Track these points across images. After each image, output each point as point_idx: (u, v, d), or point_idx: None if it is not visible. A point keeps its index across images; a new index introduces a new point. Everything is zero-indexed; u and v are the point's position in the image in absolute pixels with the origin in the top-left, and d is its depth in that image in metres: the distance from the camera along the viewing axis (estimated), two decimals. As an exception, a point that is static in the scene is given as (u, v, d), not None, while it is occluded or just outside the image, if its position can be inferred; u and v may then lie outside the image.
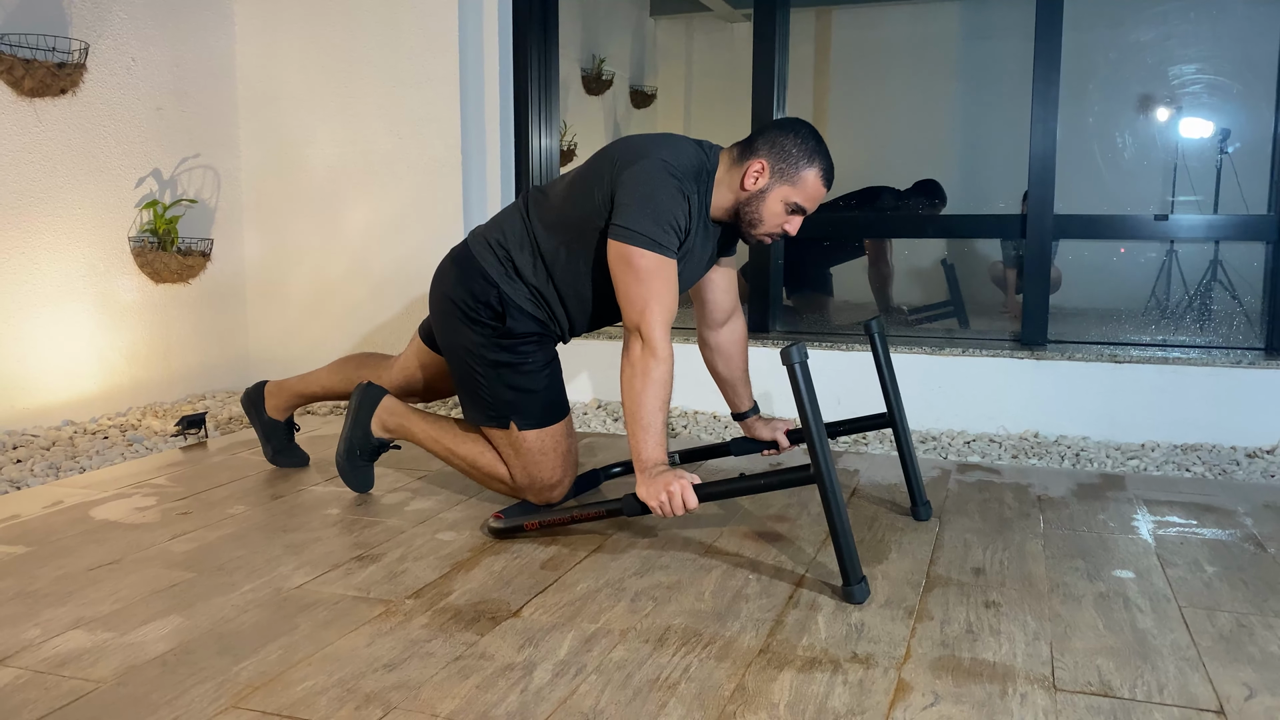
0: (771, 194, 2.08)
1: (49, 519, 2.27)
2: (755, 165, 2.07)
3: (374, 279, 3.76)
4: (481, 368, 2.23)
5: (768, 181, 2.08)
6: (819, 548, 2.10)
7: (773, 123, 2.14)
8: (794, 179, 2.07)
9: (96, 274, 3.32)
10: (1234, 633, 1.69)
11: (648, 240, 2.00)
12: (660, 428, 1.97)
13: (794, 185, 2.07)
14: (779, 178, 2.07)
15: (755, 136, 2.12)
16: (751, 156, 2.09)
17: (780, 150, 2.07)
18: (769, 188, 2.08)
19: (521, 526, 2.13)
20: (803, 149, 2.07)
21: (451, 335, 2.27)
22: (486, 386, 2.24)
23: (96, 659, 1.56)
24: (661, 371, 1.97)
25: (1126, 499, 2.51)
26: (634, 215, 2.01)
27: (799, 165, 2.07)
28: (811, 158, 2.07)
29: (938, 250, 4.95)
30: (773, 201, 2.09)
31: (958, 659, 1.58)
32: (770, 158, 2.07)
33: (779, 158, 2.07)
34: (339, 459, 2.46)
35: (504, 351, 2.22)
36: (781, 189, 2.08)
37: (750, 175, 2.08)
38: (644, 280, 2.01)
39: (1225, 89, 4.52)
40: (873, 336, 2.33)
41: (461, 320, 2.24)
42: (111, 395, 3.39)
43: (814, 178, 2.08)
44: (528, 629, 1.68)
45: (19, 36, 2.99)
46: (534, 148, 3.83)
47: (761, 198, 2.09)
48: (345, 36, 3.69)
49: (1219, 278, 4.39)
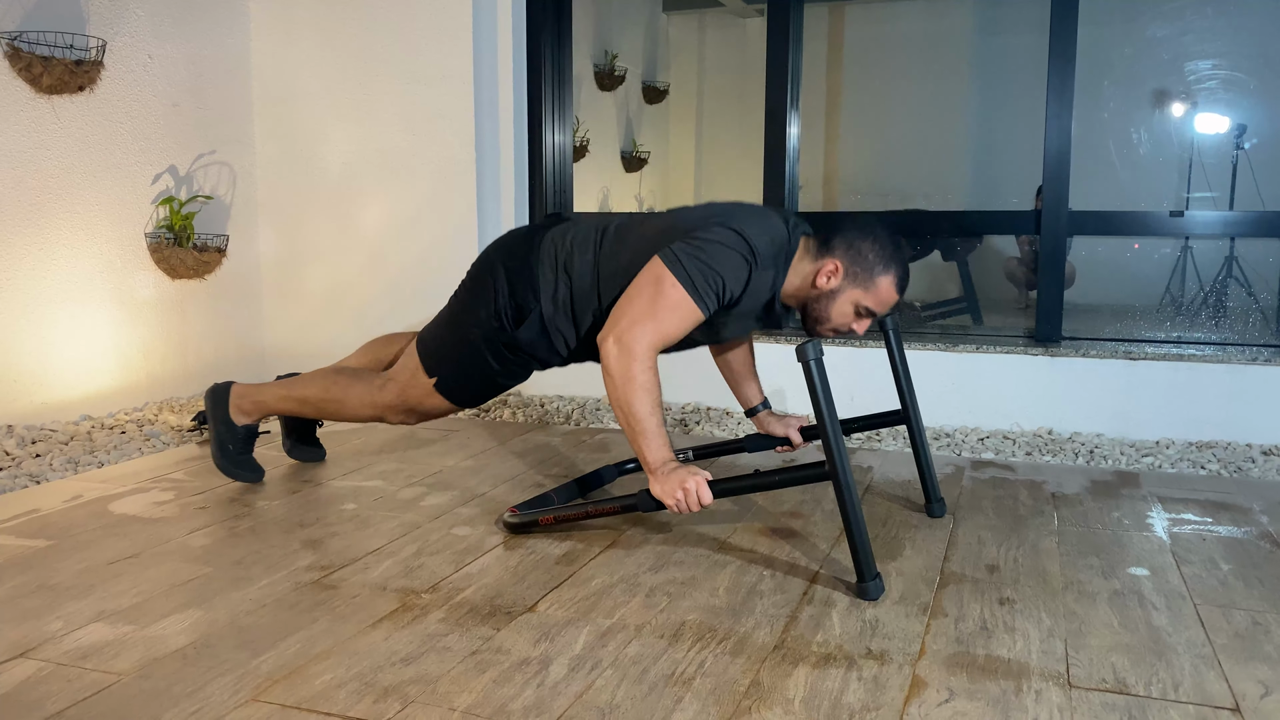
0: (843, 295, 2.07)
1: (69, 513, 2.29)
2: (830, 265, 2.05)
3: (389, 275, 3.78)
4: (463, 330, 2.24)
5: (840, 283, 2.06)
6: (833, 544, 2.11)
7: (851, 223, 2.11)
8: (867, 284, 2.06)
9: (113, 270, 3.34)
10: (1249, 630, 1.69)
11: (688, 280, 1.97)
12: (657, 429, 1.96)
13: (866, 290, 2.06)
14: (852, 280, 2.06)
15: (832, 235, 2.09)
16: (827, 255, 2.07)
17: (856, 254, 2.05)
18: (840, 289, 2.06)
19: (536, 522, 2.14)
20: (879, 255, 2.05)
21: (473, 293, 2.25)
22: (451, 342, 2.25)
23: (118, 652, 1.57)
24: (647, 377, 1.95)
25: (1141, 496, 2.50)
26: (690, 254, 1.98)
27: (874, 271, 2.05)
28: (888, 264, 2.06)
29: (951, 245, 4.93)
30: (843, 303, 2.08)
31: (972, 656, 1.59)
32: (845, 260, 2.05)
33: (854, 260, 2.05)
34: (215, 461, 2.52)
35: (490, 345, 2.22)
36: (854, 292, 2.07)
37: (824, 274, 2.06)
38: (659, 307, 1.97)
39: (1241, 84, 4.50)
40: (887, 333, 2.33)
41: (488, 292, 2.22)
42: (128, 390, 3.41)
43: (888, 285, 2.07)
44: (543, 623, 1.69)
45: (37, 34, 3.01)
46: (548, 144, 3.84)
47: (832, 298, 2.07)
48: (360, 34, 3.71)
49: (1234, 274, 4.38)
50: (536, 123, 3.80)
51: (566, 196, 3.98)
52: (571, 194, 4.01)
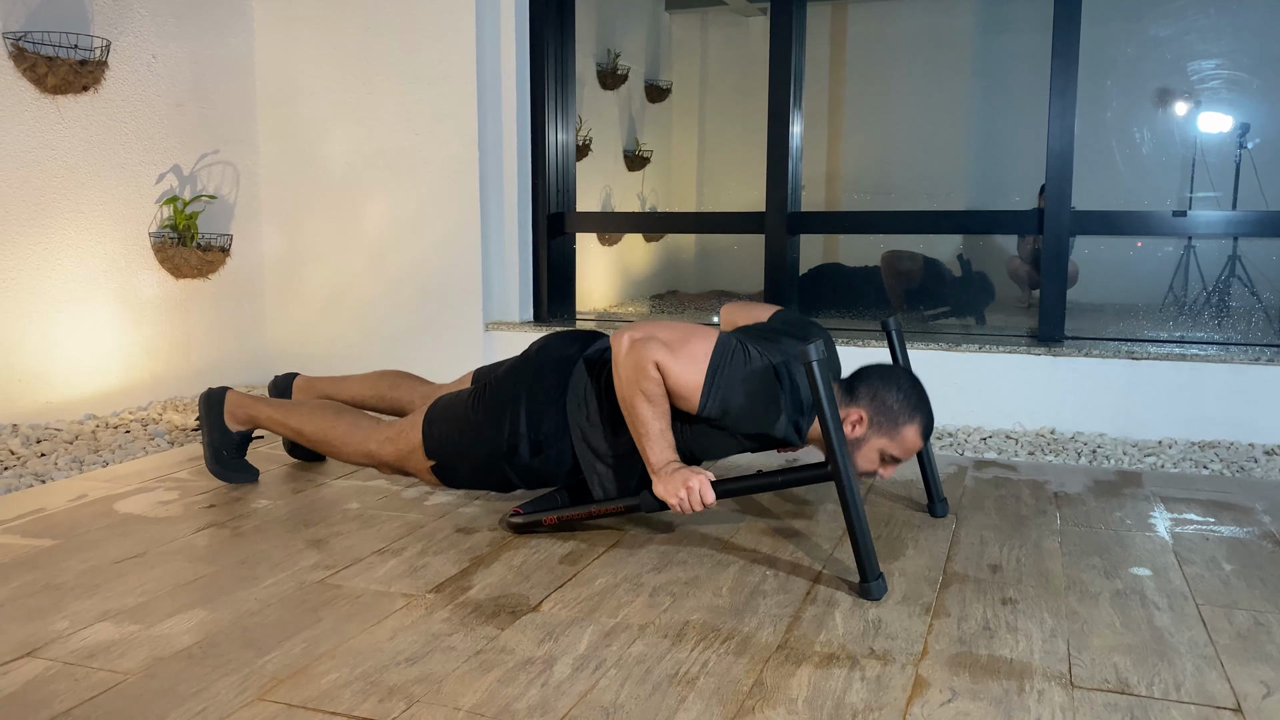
0: (868, 444, 2.04)
1: (74, 512, 2.30)
2: (854, 415, 2.03)
3: (391, 274, 3.79)
4: (472, 443, 2.20)
5: (865, 431, 2.04)
6: (836, 544, 2.11)
7: (875, 370, 2.09)
8: (893, 434, 2.04)
9: (118, 269, 3.35)
10: (1252, 631, 1.69)
11: (716, 365, 1.95)
12: (660, 431, 1.97)
13: (892, 439, 2.04)
14: (877, 430, 2.03)
15: (857, 383, 2.07)
16: (852, 404, 2.05)
17: (880, 404, 2.03)
18: (866, 438, 2.04)
19: (540, 522, 2.15)
20: (904, 404, 2.03)
21: (487, 412, 2.20)
22: (458, 444, 2.22)
23: (124, 651, 1.58)
24: (651, 383, 1.95)
25: (1144, 496, 2.51)
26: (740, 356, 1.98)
27: (899, 420, 2.03)
28: (913, 414, 2.03)
29: (954, 245, 4.94)
30: (868, 450, 2.05)
31: (975, 656, 1.59)
32: (870, 410, 2.03)
33: (879, 410, 2.03)
34: (209, 465, 2.53)
35: (495, 464, 2.19)
36: (879, 440, 2.04)
37: (848, 424, 2.03)
38: (683, 349, 1.96)
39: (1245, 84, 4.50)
40: (890, 334, 2.33)
41: (500, 423, 2.18)
42: (132, 389, 3.42)
43: (913, 434, 2.04)
44: (548, 623, 1.70)
45: (42, 34, 3.02)
46: (550, 143, 3.84)
47: (857, 445, 2.04)
48: (362, 33, 3.71)
49: (1237, 274, 4.38)
50: (539, 122, 3.81)
51: (569, 195, 3.98)
52: (574, 193, 4.02)
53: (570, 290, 4.04)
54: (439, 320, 3.76)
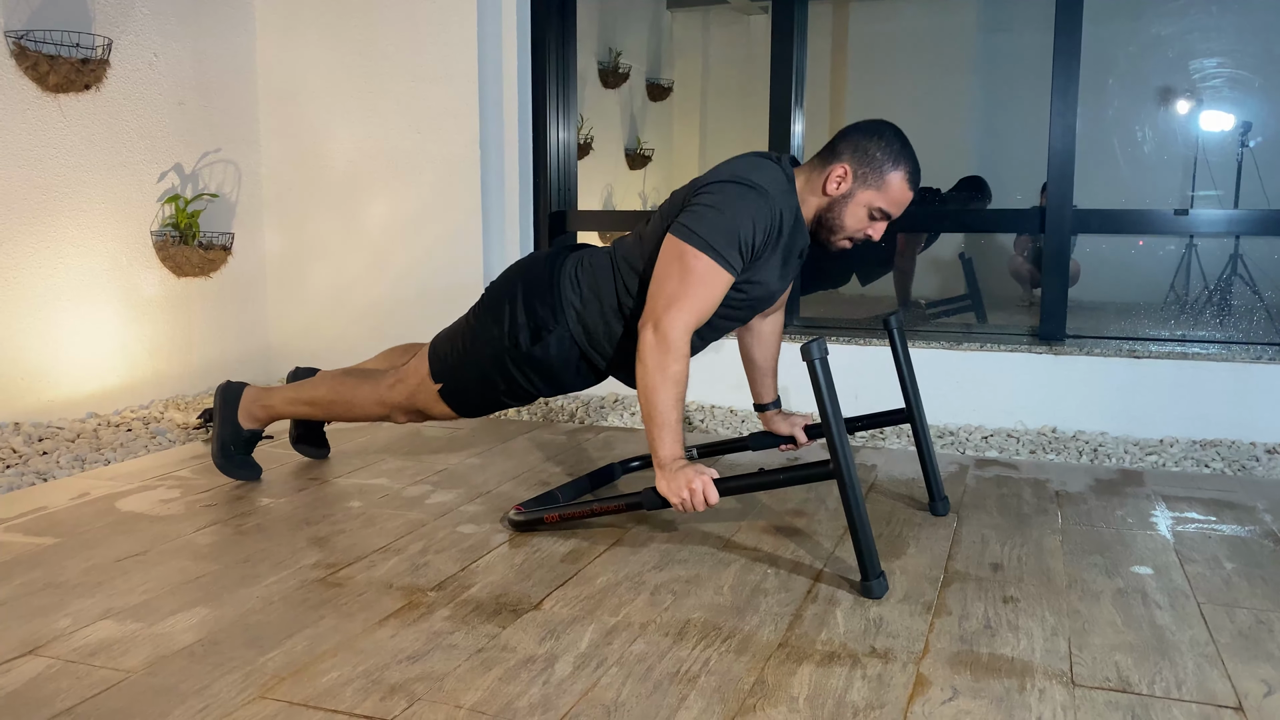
0: (854, 199, 2.01)
1: (76, 510, 2.30)
2: (838, 170, 2.00)
3: (394, 273, 3.79)
4: (476, 344, 2.22)
5: (850, 186, 2.01)
6: (837, 542, 2.11)
7: (855, 125, 2.05)
8: (878, 183, 2.00)
9: (119, 268, 3.35)
10: (1253, 629, 1.69)
11: (708, 246, 1.94)
12: (676, 424, 1.96)
13: (879, 190, 2.00)
14: (862, 182, 2.00)
15: (838, 140, 2.04)
16: (834, 161, 2.02)
17: (864, 154, 2.00)
18: (852, 192, 2.01)
19: (541, 519, 2.15)
20: (887, 151, 2.00)
21: (490, 309, 2.23)
22: (463, 354, 2.24)
23: (126, 649, 1.58)
24: (678, 370, 1.95)
25: (1145, 495, 2.51)
26: (702, 220, 1.95)
27: (883, 169, 1.99)
28: (897, 161, 2.00)
29: (955, 244, 4.94)
30: (855, 207, 2.02)
31: (976, 654, 1.59)
32: (853, 162, 2.00)
33: (862, 161, 2.00)
34: (215, 459, 2.52)
35: (503, 360, 2.20)
36: (866, 194, 2.01)
37: (832, 180, 2.01)
38: (689, 282, 1.95)
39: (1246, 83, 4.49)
40: (891, 332, 2.33)
41: (503, 311, 2.20)
42: (134, 388, 3.42)
43: (899, 181, 2.00)
44: (549, 621, 1.70)
45: (43, 33, 3.02)
46: (552, 142, 3.84)
47: (844, 203, 2.02)
48: (365, 32, 3.71)
49: (1239, 272, 4.37)
50: (541, 120, 3.81)
51: (570, 194, 3.98)
52: (576, 192, 4.02)
53: (572, 289, 4.03)
54: (441, 319, 3.74)
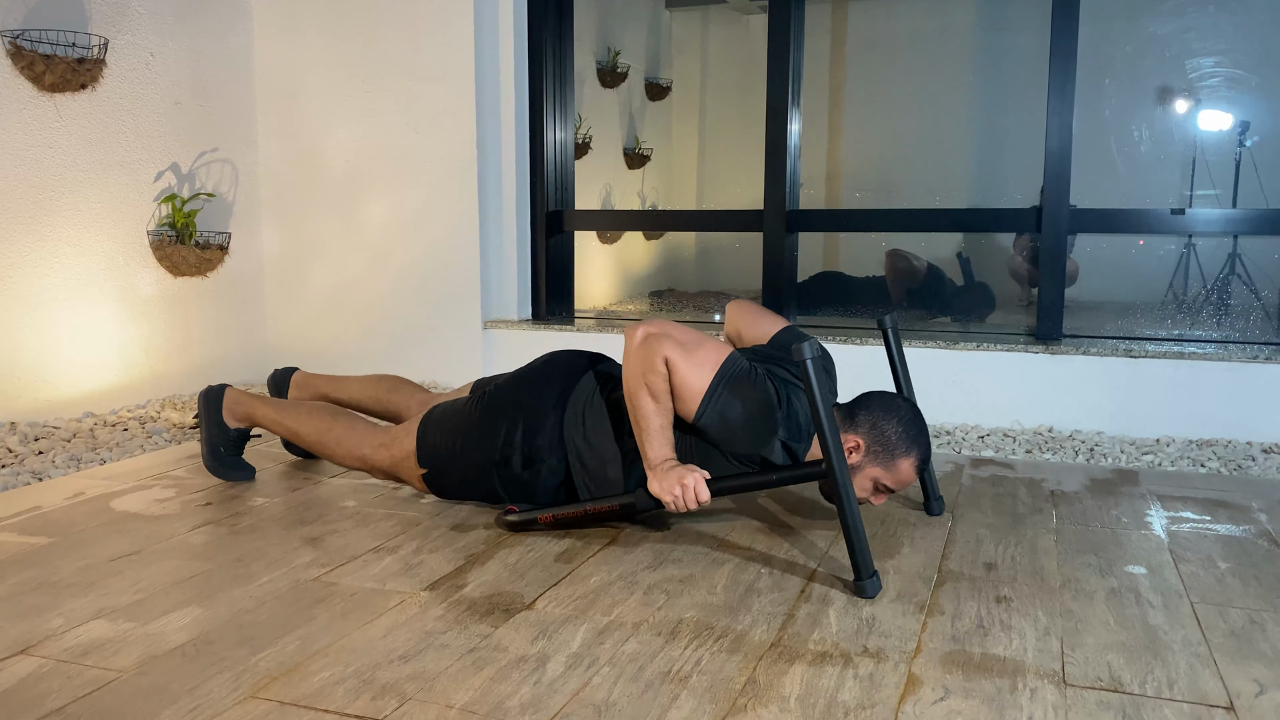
0: (862, 472, 2.04)
1: (70, 510, 2.30)
2: (851, 441, 2.02)
3: (392, 272, 3.79)
4: (465, 452, 2.21)
5: (860, 459, 2.03)
6: (831, 542, 2.11)
7: (876, 398, 2.08)
8: (889, 465, 2.03)
9: (116, 267, 3.35)
10: (1246, 629, 1.69)
11: (723, 376, 1.96)
12: (661, 427, 1.98)
13: (887, 470, 2.03)
14: (873, 460, 2.02)
15: (857, 409, 2.07)
16: (851, 430, 2.04)
17: (879, 434, 2.02)
18: (861, 466, 2.03)
19: (535, 520, 2.15)
20: (902, 437, 2.02)
21: (483, 421, 2.21)
22: (451, 452, 2.23)
23: (118, 649, 1.58)
24: (657, 378, 1.96)
25: (1140, 494, 2.51)
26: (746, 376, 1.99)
27: (895, 452, 2.02)
28: (910, 447, 2.02)
29: (953, 244, 4.94)
30: (862, 478, 2.04)
31: (968, 654, 1.59)
32: (868, 439, 2.02)
33: (876, 440, 2.02)
34: (206, 462, 2.53)
35: (485, 473, 2.20)
36: (874, 470, 2.03)
37: (845, 450, 2.01)
38: (695, 352, 1.97)
39: (1244, 82, 4.49)
40: (886, 331, 2.33)
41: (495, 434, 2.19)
42: (131, 387, 3.42)
43: (909, 467, 2.03)
44: (541, 621, 1.70)
45: (39, 33, 3.02)
46: (549, 141, 3.84)
47: (852, 472, 2.03)
48: (363, 32, 3.71)
49: (1237, 272, 4.37)
50: (538, 120, 3.81)
51: (568, 194, 3.98)
52: (573, 191, 4.02)
53: (569, 288, 4.04)
54: (438, 318, 3.76)
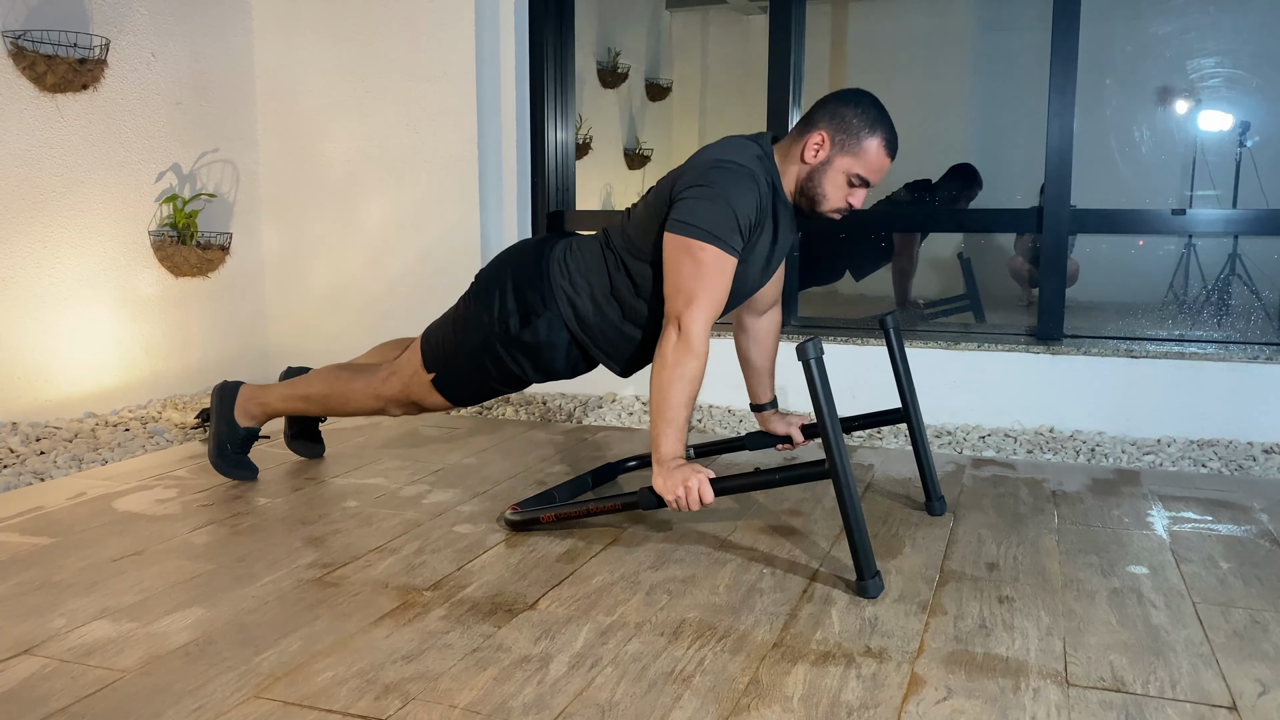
0: (833, 166, 2.03)
1: (73, 510, 2.30)
2: (815, 137, 2.02)
3: (391, 273, 3.79)
4: (466, 333, 2.23)
5: (829, 153, 2.02)
6: (833, 542, 2.11)
7: (833, 94, 2.06)
8: (855, 149, 2.01)
9: (117, 268, 3.35)
10: (1248, 629, 1.69)
11: (710, 235, 1.96)
12: (683, 423, 1.97)
13: (855, 156, 2.01)
14: (840, 149, 2.01)
15: (815, 109, 2.06)
16: (811, 129, 2.03)
17: (840, 120, 2.01)
18: (830, 159, 2.02)
19: (538, 519, 2.15)
20: (864, 118, 2.01)
21: (479, 297, 2.25)
22: (454, 344, 2.25)
23: (121, 649, 1.58)
24: (694, 367, 1.95)
25: (1142, 494, 2.51)
26: (696, 211, 1.97)
27: (860, 135, 2.01)
28: (874, 126, 2.01)
29: (954, 244, 4.94)
30: (834, 174, 2.03)
31: (971, 654, 1.59)
32: (830, 129, 2.01)
33: (839, 128, 2.01)
34: (211, 458, 2.53)
35: (494, 346, 2.22)
36: (843, 160, 2.02)
37: (810, 147, 2.02)
38: (701, 274, 1.96)
39: (1245, 82, 4.49)
40: (888, 331, 2.33)
41: (495, 297, 2.21)
42: (132, 388, 3.42)
43: (876, 147, 2.01)
44: (544, 621, 1.70)
45: (41, 33, 3.02)
46: (550, 141, 3.84)
47: (823, 170, 2.03)
48: (363, 31, 3.71)
49: (1238, 272, 4.37)
50: (538, 120, 3.81)
51: (569, 194, 3.98)
52: (574, 191, 4.02)
53: (570, 288, 4.04)
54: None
